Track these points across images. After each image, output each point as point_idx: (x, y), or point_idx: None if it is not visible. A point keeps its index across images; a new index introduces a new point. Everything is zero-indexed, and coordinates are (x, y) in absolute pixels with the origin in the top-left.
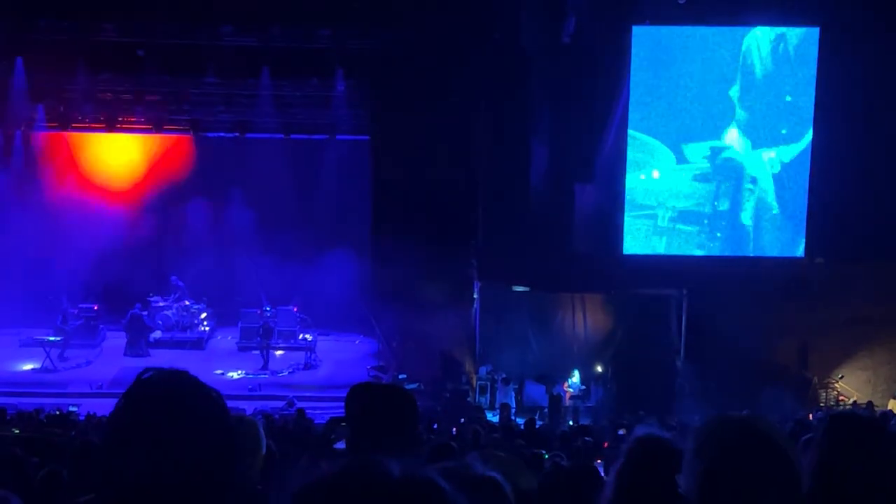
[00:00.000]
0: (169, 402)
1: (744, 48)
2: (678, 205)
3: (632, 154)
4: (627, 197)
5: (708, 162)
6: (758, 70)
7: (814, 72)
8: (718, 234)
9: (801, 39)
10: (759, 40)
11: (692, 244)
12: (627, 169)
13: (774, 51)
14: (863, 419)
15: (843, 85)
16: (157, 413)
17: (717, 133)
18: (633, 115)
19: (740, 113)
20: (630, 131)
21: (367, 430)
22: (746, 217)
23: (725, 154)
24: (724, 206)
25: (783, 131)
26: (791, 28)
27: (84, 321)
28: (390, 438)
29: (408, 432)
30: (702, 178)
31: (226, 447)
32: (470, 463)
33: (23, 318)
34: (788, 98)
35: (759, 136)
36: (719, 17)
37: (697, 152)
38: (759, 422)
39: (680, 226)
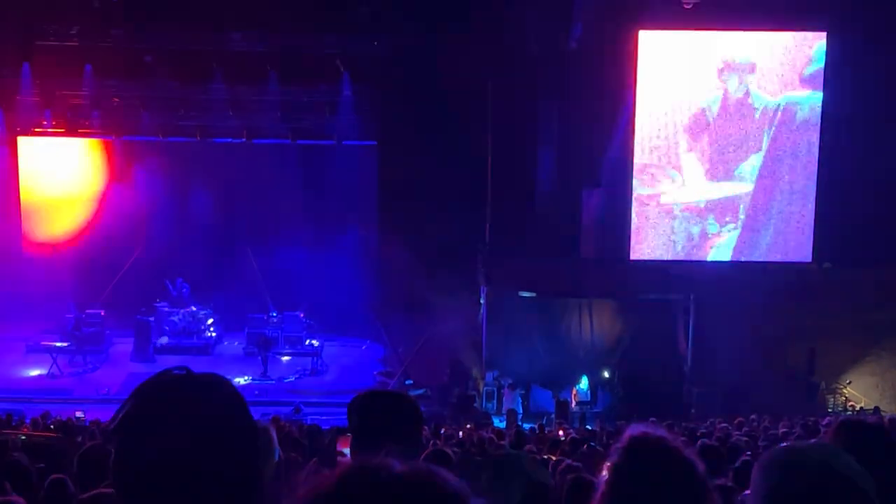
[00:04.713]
0: (187, 393)
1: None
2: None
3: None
4: (647, 203)
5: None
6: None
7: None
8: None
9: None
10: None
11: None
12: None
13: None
14: (870, 427)
15: (849, 90)
16: (174, 403)
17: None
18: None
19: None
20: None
21: (370, 438)
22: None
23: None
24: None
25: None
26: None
27: (91, 327)
28: (393, 445)
29: (411, 438)
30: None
31: (249, 440)
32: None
33: (29, 323)
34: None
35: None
36: (726, 22)
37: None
38: (840, 465)
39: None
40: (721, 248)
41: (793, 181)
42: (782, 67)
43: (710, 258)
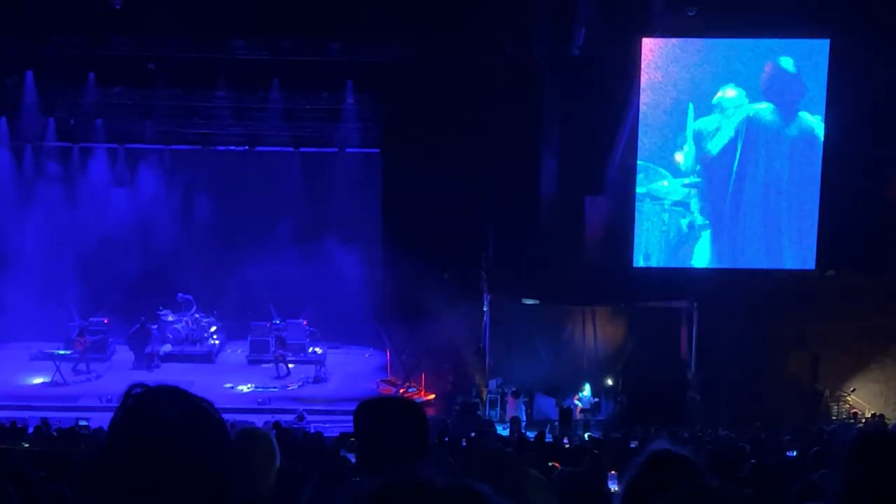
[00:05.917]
0: (161, 417)
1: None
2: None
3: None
4: (642, 200)
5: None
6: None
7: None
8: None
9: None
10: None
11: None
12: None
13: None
14: (892, 437)
15: (851, 97)
16: (149, 429)
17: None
18: (642, 143)
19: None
20: (640, 161)
21: (377, 445)
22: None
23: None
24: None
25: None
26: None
27: (95, 335)
28: (400, 452)
29: (417, 445)
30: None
31: (224, 462)
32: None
33: (33, 331)
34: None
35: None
36: (729, 29)
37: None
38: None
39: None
40: (707, 240)
41: (796, 188)
42: (782, 74)
43: (696, 249)
